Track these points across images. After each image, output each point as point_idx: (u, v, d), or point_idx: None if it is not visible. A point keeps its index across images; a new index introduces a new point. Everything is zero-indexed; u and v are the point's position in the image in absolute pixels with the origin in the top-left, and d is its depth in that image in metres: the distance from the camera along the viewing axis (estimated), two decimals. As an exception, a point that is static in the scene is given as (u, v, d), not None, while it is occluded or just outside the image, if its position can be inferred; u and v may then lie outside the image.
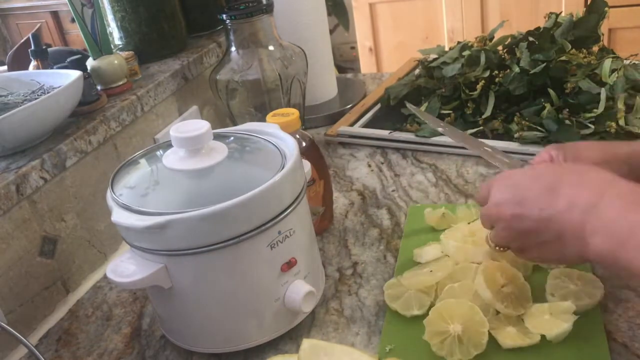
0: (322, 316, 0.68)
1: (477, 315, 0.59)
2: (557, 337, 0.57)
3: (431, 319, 0.60)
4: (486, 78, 1.00)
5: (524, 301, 0.61)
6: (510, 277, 0.62)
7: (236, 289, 0.61)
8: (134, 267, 0.60)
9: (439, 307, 0.61)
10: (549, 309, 0.60)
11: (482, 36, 1.11)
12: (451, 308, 0.60)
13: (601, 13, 1.02)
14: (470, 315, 0.59)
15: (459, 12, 2.32)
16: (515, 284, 0.62)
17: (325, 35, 1.17)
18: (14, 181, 0.72)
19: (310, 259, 0.66)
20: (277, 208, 0.60)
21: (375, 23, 2.48)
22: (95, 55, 0.93)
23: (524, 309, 0.60)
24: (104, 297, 0.80)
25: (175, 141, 0.63)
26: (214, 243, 0.58)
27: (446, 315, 0.59)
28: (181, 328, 0.65)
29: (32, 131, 0.77)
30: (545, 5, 2.16)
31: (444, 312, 0.60)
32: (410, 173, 0.94)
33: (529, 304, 0.61)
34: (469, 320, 0.59)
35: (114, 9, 1.03)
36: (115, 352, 0.70)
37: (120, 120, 0.89)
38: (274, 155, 0.65)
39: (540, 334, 0.58)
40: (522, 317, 0.60)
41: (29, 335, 0.75)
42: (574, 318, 0.58)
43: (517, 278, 0.63)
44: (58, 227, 0.80)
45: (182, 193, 0.64)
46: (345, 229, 0.83)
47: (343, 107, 1.17)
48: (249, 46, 1.01)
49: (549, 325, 0.58)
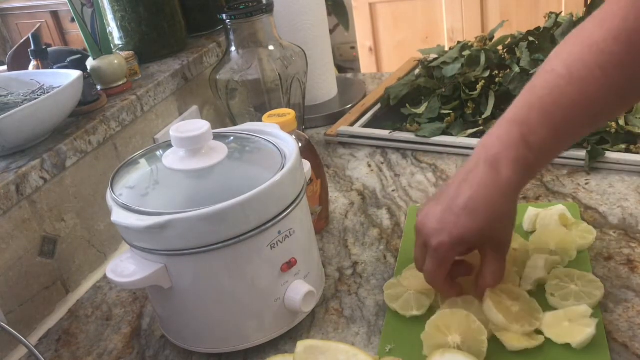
0: (322, 316, 0.68)
1: (474, 323, 0.58)
2: (582, 344, 0.56)
3: (428, 332, 0.59)
4: (486, 78, 1.00)
5: (535, 313, 0.60)
6: (515, 297, 0.61)
7: (236, 289, 0.61)
8: (134, 267, 0.60)
9: (434, 319, 0.59)
10: (565, 315, 0.59)
11: (482, 36, 1.11)
12: (447, 319, 0.59)
13: (601, 13, 1.02)
14: (468, 324, 0.58)
15: (459, 12, 2.32)
16: (522, 301, 0.61)
17: (325, 35, 1.17)
18: (14, 181, 0.72)
19: (310, 259, 0.66)
20: (277, 208, 0.60)
21: (375, 23, 2.48)
22: (95, 55, 0.93)
23: (538, 321, 0.59)
24: (104, 297, 0.80)
25: (175, 141, 0.63)
26: (214, 243, 0.58)
27: (443, 327, 0.58)
28: (181, 328, 0.65)
29: (32, 131, 0.77)
30: (545, 5, 2.16)
31: (441, 324, 0.59)
32: (410, 173, 0.94)
33: (541, 315, 0.60)
34: (467, 330, 0.58)
35: (114, 9, 1.03)
36: (115, 352, 0.70)
37: (120, 120, 0.89)
38: (274, 155, 0.65)
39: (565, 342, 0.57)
40: (541, 328, 0.59)
41: (29, 335, 0.75)
42: (595, 321, 0.57)
43: (521, 295, 0.62)
44: (58, 227, 0.80)
45: (182, 193, 0.64)
46: (345, 229, 0.83)
47: (343, 107, 1.17)
48: (249, 46, 1.01)
49: (572, 332, 0.57)
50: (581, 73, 0.56)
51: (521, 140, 0.57)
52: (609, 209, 0.77)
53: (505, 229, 0.60)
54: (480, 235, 0.59)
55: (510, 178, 0.57)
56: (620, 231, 0.72)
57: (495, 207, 0.58)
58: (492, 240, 0.60)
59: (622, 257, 0.68)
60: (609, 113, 0.62)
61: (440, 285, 0.63)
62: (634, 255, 0.68)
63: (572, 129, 0.59)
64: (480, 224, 0.58)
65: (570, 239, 0.68)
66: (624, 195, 0.79)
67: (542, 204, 0.79)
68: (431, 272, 0.61)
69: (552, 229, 0.70)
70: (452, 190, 0.60)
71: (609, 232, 0.73)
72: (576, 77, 0.56)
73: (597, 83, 0.55)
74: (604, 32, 0.55)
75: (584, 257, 0.68)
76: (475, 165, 0.60)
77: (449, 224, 0.58)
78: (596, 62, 0.55)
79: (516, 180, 0.58)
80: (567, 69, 0.57)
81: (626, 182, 0.82)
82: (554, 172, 0.86)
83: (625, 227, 0.73)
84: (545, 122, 0.57)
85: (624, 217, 0.75)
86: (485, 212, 0.58)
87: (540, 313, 0.60)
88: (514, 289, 0.62)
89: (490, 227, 0.58)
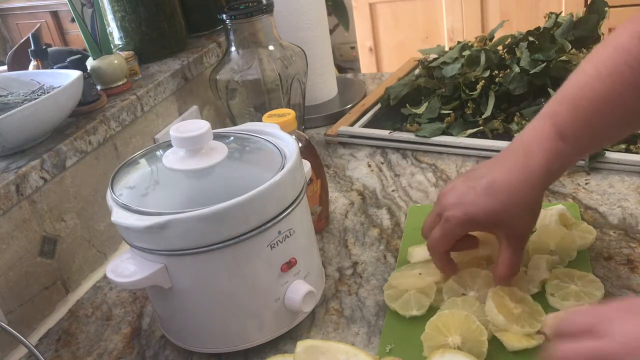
0: (322, 316, 0.68)
1: (474, 324, 0.58)
2: None
3: (428, 333, 0.59)
4: (486, 78, 1.00)
5: (537, 315, 0.60)
6: (519, 299, 0.61)
7: (236, 289, 0.61)
8: (134, 267, 0.60)
9: (434, 320, 0.60)
10: None
11: (482, 36, 1.11)
12: (447, 320, 0.59)
13: (601, 13, 1.02)
14: (468, 325, 0.58)
15: (459, 12, 2.32)
16: (525, 304, 0.61)
17: (325, 35, 1.17)
18: (14, 181, 0.72)
19: (310, 259, 0.66)
20: (277, 208, 0.60)
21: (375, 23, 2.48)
22: (95, 55, 0.93)
23: (540, 323, 0.59)
24: (104, 297, 0.80)
25: (175, 141, 0.63)
26: (214, 243, 0.58)
27: (443, 327, 0.59)
28: (181, 328, 0.65)
29: (32, 131, 0.77)
30: (545, 5, 2.16)
31: (441, 325, 0.59)
32: (410, 173, 0.94)
33: (543, 318, 0.60)
34: (467, 330, 0.58)
35: (114, 9, 1.03)
36: (115, 352, 0.70)
37: (120, 120, 0.89)
38: (274, 155, 0.65)
39: None
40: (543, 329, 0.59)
41: (29, 335, 0.75)
42: None
43: (525, 298, 0.62)
44: (58, 227, 0.80)
45: (182, 193, 0.64)
46: (345, 229, 0.83)
47: (343, 107, 1.17)
48: (249, 46, 1.01)
49: None
50: (609, 71, 0.59)
51: (555, 132, 0.60)
52: (609, 209, 0.77)
53: (523, 218, 0.61)
54: (496, 218, 0.60)
55: (541, 166, 0.59)
56: (620, 231, 0.72)
57: (517, 192, 0.59)
58: (508, 227, 0.61)
59: (622, 257, 0.68)
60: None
61: (439, 255, 0.64)
62: (634, 255, 0.68)
63: (605, 123, 0.61)
64: (497, 206, 0.59)
65: (570, 239, 0.68)
66: (624, 195, 0.79)
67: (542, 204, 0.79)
68: (436, 240, 0.63)
69: (552, 229, 0.70)
70: (481, 171, 0.63)
71: (609, 232, 0.73)
72: (605, 75, 0.59)
73: (625, 79, 0.58)
74: (629, 34, 0.59)
75: (584, 257, 0.68)
76: (509, 152, 0.62)
77: (467, 201, 0.60)
78: (624, 60, 0.58)
79: (546, 168, 0.59)
80: (596, 68, 0.60)
81: (626, 182, 0.82)
82: (554, 172, 0.86)
83: (625, 227, 0.73)
84: (576, 114, 0.60)
85: (624, 217, 0.75)
86: (506, 195, 0.59)
87: (542, 316, 0.60)
88: (518, 292, 0.62)
89: (508, 212, 0.60)
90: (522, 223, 0.62)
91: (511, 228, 0.61)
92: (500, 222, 0.61)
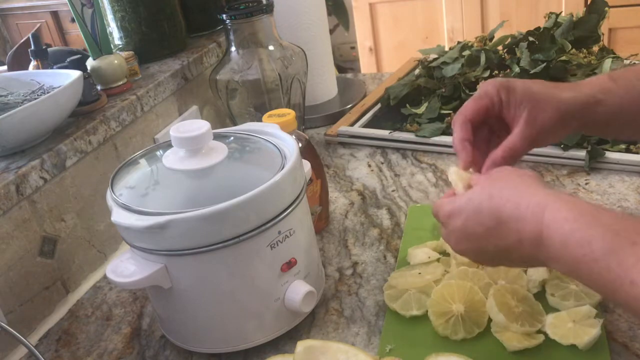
0: (322, 316, 0.68)
1: (477, 295, 0.62)
2: (588, 345, 0.56)
3: (434, 299, 0.63)
4: (486, 78, 1.00)
5: (537, 315, 0.60)
6: (520, 298, 0.62)
7: (236, 289, 0.61)
8: (134, 267, 0.60)
9: (440, 289, 0.63)
10: (569, 316, 0.59)
11: (482, 36, 1.11)
12: (452, 289, 0.63)
13: (601, 13, 1.02)
14: (471, 296, 0.62)
15: (459, 12, 2.32)
16: (527, 303, 0.61)
17: (325, 35, 1.17)
18: (13, 181, 0.72)
19: (310, 259, 0.66)
20: (277, 208, 0.60)
21: (375, 23, 2.48)
22: (95, 55, 0.93)
23: (540, 323, 0.59)
24: (104, 297, 0.80)
25: (175, 141, 0.63)
26: (214, 243, 0.58)
27: (448, 296, 0.62)
28: (181, 328, 0.65)
29: (32, 131, 0.77)
30: (545, 5, 2.16)
31: (446, 293, 0.63)
32: (410, 173, 0.94)
33: (543, 318, 0.60)
34: (470, 300, 0.62)
35: (114, 9, 1.03)
36: (115, 352, 0.70)
37: (120, 120, 0.89)
38: (274, 155, 0.65)
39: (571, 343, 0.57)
40: (544, 329, 0.59)
41: (29, 335, 0.75)
42: (600, 322, 0.57)
43: (527, 297, 0.62)
44: (58, 227, 0.80)
45: (182, 193, 0.64)
46: (345, 229, 0.83)
47: (343, 107, 1.17)
48: (249, 46, 1.01)
49: (577, 333, 0.57)
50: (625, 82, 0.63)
51: (607, 75, 0.65)
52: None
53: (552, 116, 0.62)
54: (529, 96, 0.62)
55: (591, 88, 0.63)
56: (620, 231, 0.72)
57: (559, 88, 0.64)
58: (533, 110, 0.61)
59: (622, 257, 0.68)
60: None
61: (460, 122, 0.64)
62: (634, 255, 0.68)
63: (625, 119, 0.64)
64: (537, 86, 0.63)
65: (571, 239, 0.68)
66: (624, 195, 0.79)
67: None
68: (466, 103, 0.65)
69: (553, 228, 0.70)
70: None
71: (609, 232, 0.72)
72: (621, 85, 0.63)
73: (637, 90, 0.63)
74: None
75: (584, 257, 0.68)
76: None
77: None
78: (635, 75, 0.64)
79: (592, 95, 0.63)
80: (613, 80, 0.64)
81: (626, 182, 0.82)
82: (554, 172, 0.87)
83: (625, 227, 0.73)
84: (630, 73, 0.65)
85: (624, 217, 0.75)
86: (548, 87, 0.63)
87: (542, 315, 0.60)
88: (521, 290, 0.62)
89: (544, 96, 0.62)
90: (547, 116, 0.61)
91: (535, 112, 0.60)
92: (531, 100, 0.61)
